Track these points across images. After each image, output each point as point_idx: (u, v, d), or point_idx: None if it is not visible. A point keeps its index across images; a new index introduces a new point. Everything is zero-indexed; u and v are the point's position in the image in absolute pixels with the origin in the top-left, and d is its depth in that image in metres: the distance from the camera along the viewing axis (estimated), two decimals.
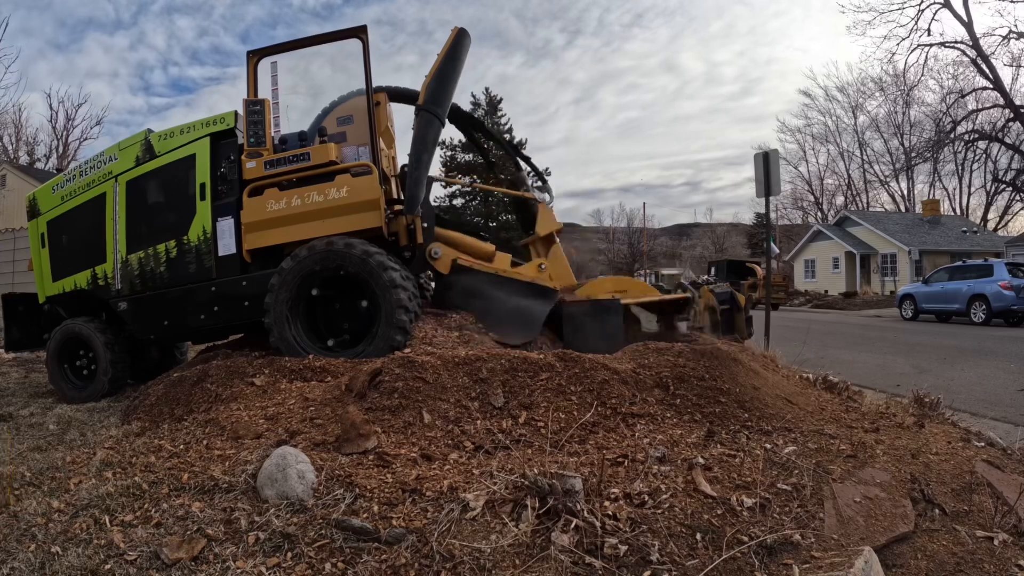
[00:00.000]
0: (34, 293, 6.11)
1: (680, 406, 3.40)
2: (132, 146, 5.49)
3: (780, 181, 9.15)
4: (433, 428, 3.16)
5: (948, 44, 30.54)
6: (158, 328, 5.37)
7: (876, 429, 3.29)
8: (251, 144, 5.00)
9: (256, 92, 5.11)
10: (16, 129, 28.31)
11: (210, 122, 5.29)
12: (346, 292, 4.90)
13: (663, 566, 2.05)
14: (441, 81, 5.10)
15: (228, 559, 2.15)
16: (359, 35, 5.05)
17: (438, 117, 5.12)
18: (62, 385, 5.60)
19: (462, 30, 5.21)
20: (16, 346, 6.41)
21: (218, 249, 5.10)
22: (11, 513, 2.55)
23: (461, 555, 2.08)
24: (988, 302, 14.89)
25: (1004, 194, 39.29)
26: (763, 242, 30.83)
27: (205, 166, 5.17)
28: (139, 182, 5.39)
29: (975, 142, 34.68)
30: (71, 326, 5.58)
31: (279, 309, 4.73)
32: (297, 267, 4.72)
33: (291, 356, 4.59)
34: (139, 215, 5.38)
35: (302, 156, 4.99)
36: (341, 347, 4.83)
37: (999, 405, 5.69)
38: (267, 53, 5.14)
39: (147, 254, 5.30)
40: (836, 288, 32.55)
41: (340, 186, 4.89)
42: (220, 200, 5.14)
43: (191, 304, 5.19)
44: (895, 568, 2.20)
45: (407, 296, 4.62)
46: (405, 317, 4.58)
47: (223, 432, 3.35)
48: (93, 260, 5.53)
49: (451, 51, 5.12)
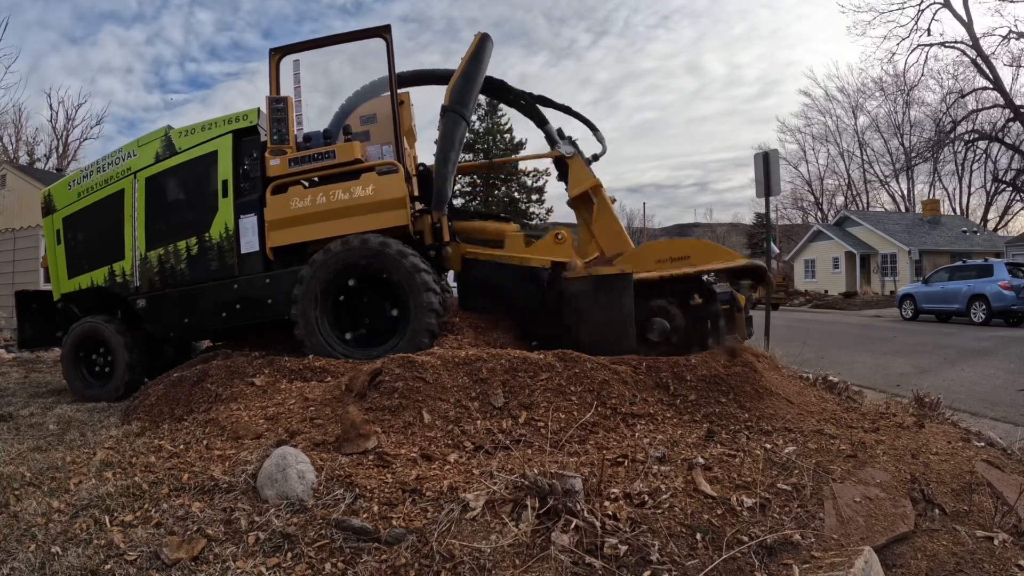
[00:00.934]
0: (48, 290, 6.05)
1: (680, 406, 3.40)
2: (151, 142, 5.45)
3: (780, 181, 9.15)
4: (433, 428, 3.16)
5: (948, 44, 30.57)
6: (178, 326, 5.34)
7: (876, 429, 3.29)
8: (274, 141, 4.99)
9: (278, 90, 5.11)
10: (16, 129, 28.35)
11: (232, 119, 5.27)
12: (371, 288, 4.89)
13: (663, 566, 2.05)
14: (466, 83, 5.14)
15: (228, 559, 2.15)
16: (383, 34, 5.06)
17: (463, 117, 5.15)
18: (77, 384, 5.54)
19: (485, 35, 5.30)
20: (29, 344, 6.35)
21: (241, 247, 5.08)
22: (11, 513, 2.55)
23: (461, 555, 2.08)
24: (988, 302, 14.89)
25: (1004, 194, 39.30)
26: (763, 242, 30.82)
27: (227, 163, 5.15)
28: (159, 179, 5.37)
29: (975, 142, 34.69)
30: (89, 324, 5.51)
31: (307, 302, 4.72)
32: (330, 261, 4.72)
33: (315, 351, 4.60)
34: (159, 212, 5.35)
35: (327, 154, 5.00)
36: (358, 341, 4.82)
37: (999, 405, 5.70)
38: (289, 51, 5.15)
39: (167, 251, 5.27)
40: (836, 288, 32.55)
41: (366, 184, 4.89)
42: (243, 197, 5.13)
43: (213, 302, 5.17)
44: (895, 568, 2.20)
45: (437, 300, 4.64)
46: (434, 321, 4.59)
47: (223, 432, 3.35)
48: (111, 257, 5.48)
49: (475, 54, 5.19)
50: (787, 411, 3.38)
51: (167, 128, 5.51)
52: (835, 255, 34.32)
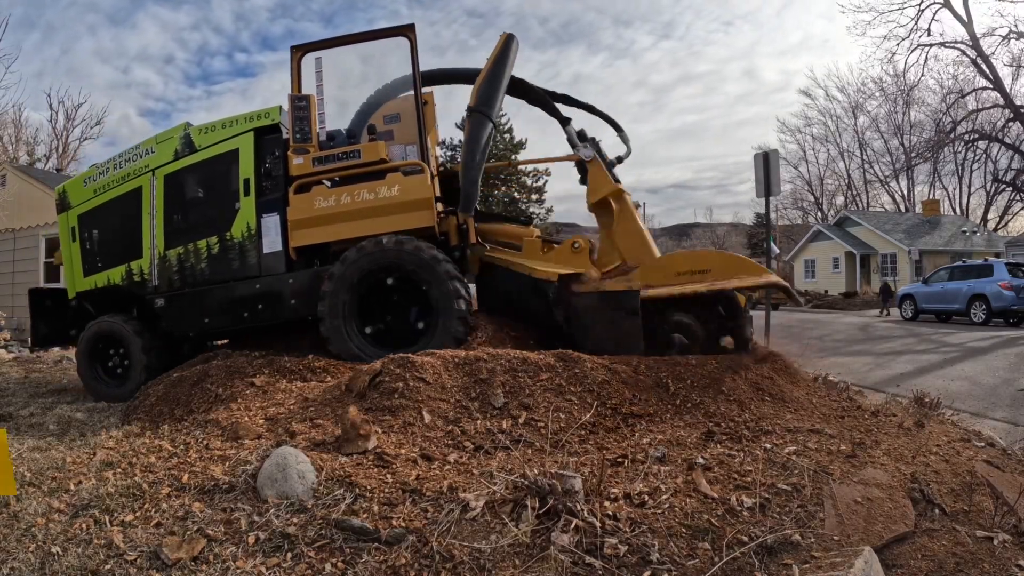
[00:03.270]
0: (61, 288, 5.98)
1: (680, 406, 3.40)
2: (170, 139, 5.39)
3: (780, 181, 9.15)
4: (433, 428, 3.16)
5: (948, 44, 30.51)
6: (198, 326, 5.28)
7: (876, 429, 3.29)
8: (297, 140, 4.94)
9: (300, 87, 5.06)
10: (16, 129, 28.29)
11: (253, 116, 5.22)
12: (397, 290, 4.85)
13: (663, 566, 2.05)
14: (491, 84, 5.10)
15: (228, 559, 2.15)
16: (406, 33, 5.02)
17: (489, 118, 5.11)
18: (93, 383, 5.48)
19: (510, 35, 5.25)
20: (43, 342, 6.29)
21: (263, 246, 5.04)
22: (11, 513, 2.55)
23: (461, 555, 2.08)
24: (988, 302, 14.88)
25: (1004, 194, 39.24)
26: (763, 242, 30.82)
27: (249, 161, 5.09)
28: (178, 176, 5.31)
29: (975, 142, 34.67)
30: (106, 324, 5.42)
31: (335, 301, 4.68)
32: (362, 261, 4.68)
33: (340, 350, 4.58)
34: (178, 210, 5.29)
35: (352, 153, 4.95)
36: (383, 344, 4.74)
37: (999, 405, 5.69)
38: (311, 48, 5.11)
39: (187, 250, 5.21)
40: (836, 288, 32.52)
41: (391, 185, 4.85)
42: (265, 196, 5.08)
43: (234, 302, 5.12)
44: (895, 568, 2.20)
45: (467, 307, 4.63)
46: (463, 328, 4.57)
47: (223, 432, 3.35)
48: (128, 255, 5.41)
49: (500, 55, 5.15)
50: (787, 411, 3.38)
51: (186, 125, 5.45)
52: (835, 255, 34.29)
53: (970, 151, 36.82)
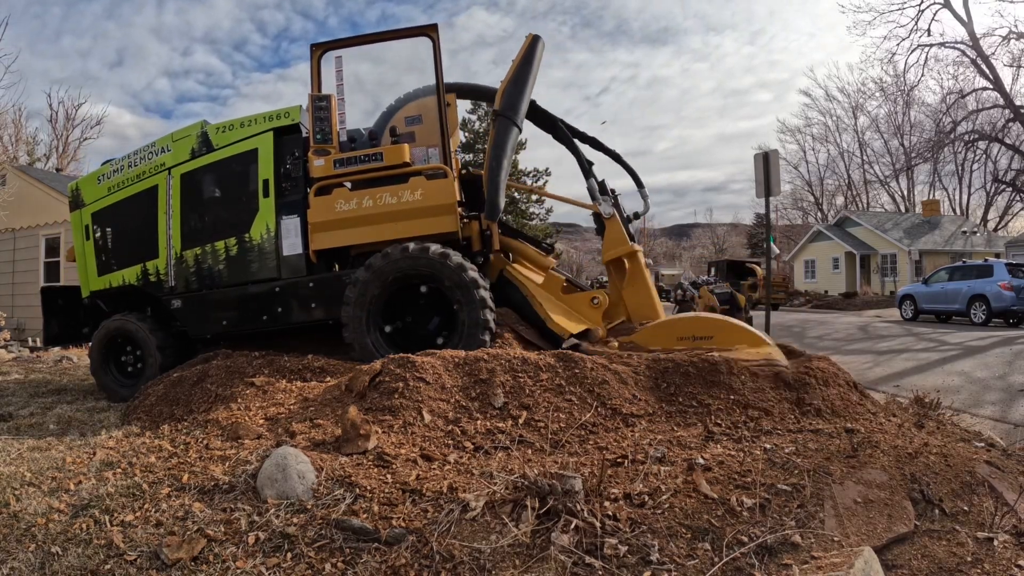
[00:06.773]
0: (74, 286, 5.91)
1: (680, 406, 3.40)
2: (186, 138, 5.30)
3: (780, 181, 9.16)
4: (433, 428, 3.16)
5: (948, 44, 30.48)
6: (215, 328, 5.21)
7: (876, 429, 3.28)
8: (317, 140, 4.85)
9: (320, 87, 5.00)
10: (16, 129, 28.26)
11: (273, 116, 5.14)
12: (421, 295, 4.78)
13: (663, 566, 2.05)
14: (517, 86, 5.02)
15: (228, 559, 2.15)
16: (429, 33, 4.93)
17: (515, 122, 5.02)
18: (107, 382, 5.44)
19: (536, 37, 5.16)
20: (55, 340, 6.23)
21: (283, 248, 4.96)
22: (11, 513, 2.55)
23: (461, 555, 2.08)
24: (988, 302, 14.87)
25: (1004, 194, 39.24)
26: (763, 242, 30.82)
27: (268, 161, 5.01)
28: (195, 175, 5.22)
29: (975, 142, 34.64)
30: (120, 323, 5.35)
31: (359, 306, 4.61)
32: (387, 267, 4.58)
33: (363, 355, 4.50)
34: (195, 210, 5.20)
35: (375, 156, 4.85)
36: (401, 345, 4.64)
37: (999, 405, 5.69)
38: (331, 47, 5.01)
39: (204, 251, 5.14)
40: (836, 288, 32.53)
41: (414, 188, 4.78)
42: (284, 197, 5.00)
43: (253, 304, 5.05)
44: (895, 568, 2.20)
45: (493, 318, 4.57)
46: (488, 338, 4.50)
47: (223, 432, 3.35)
48: (143, 255, 5.32)
49: (526, 57, 5.05)
50: (787, 411, 3.38)
51: (203, 123, 5.37)
52: (835, 255, 34.30)
53: (970, 151, 36.81)
